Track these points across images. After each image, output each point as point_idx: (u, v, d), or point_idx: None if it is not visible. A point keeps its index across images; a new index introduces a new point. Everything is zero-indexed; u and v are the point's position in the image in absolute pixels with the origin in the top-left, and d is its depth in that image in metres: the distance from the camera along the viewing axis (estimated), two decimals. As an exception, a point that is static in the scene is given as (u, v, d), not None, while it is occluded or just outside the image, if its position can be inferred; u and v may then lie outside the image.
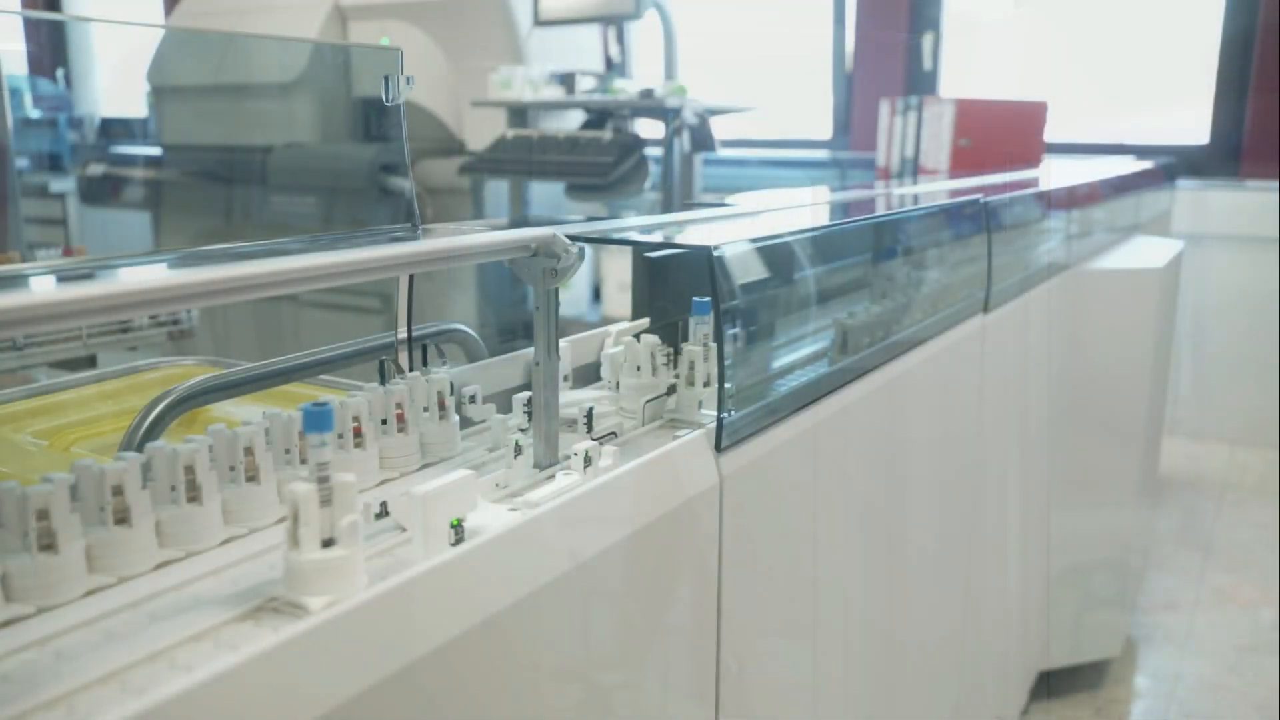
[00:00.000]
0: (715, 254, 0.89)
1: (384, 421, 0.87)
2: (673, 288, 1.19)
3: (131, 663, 0.56)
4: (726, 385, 0.90)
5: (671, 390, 1.12)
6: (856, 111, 4.67)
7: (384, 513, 0.75)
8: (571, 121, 4.17)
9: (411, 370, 1.04)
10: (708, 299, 0.80)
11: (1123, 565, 2.30)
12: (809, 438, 1.04)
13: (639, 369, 1.02)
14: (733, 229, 1.10)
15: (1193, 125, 4.19)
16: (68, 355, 1.81)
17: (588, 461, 0.82)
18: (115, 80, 5.61)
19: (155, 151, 4.46)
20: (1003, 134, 3.05)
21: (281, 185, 3.93)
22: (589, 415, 0.97)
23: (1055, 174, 2.51)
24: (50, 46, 5.27)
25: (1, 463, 1.09)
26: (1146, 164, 3.25)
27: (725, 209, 1.41)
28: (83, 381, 1.47)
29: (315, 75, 3.91)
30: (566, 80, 3.89)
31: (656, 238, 1.11)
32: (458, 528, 0.69)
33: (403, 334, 1.04)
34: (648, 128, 4.06)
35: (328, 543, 0.63)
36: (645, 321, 1.18)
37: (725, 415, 0.89)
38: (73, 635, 0.59)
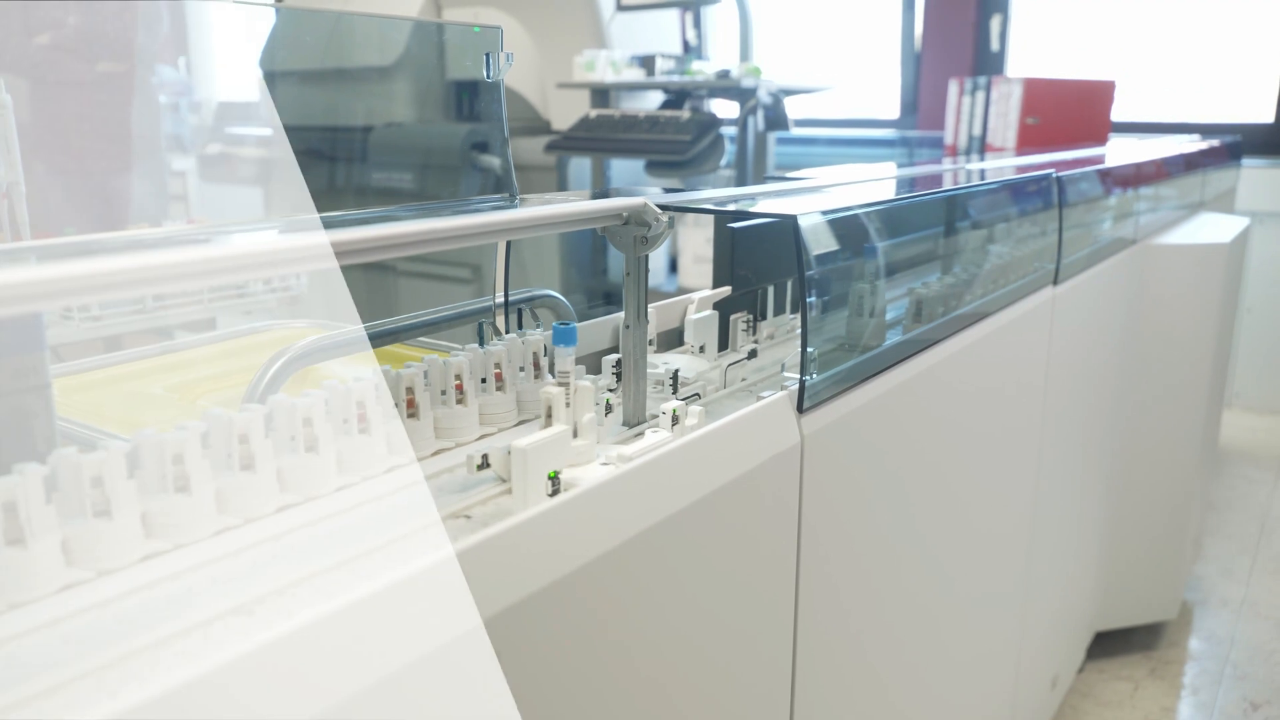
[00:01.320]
0: (800, 222, 0.87)
1: (483, 380, 0.87)
2: (754, 256, 1.17)
3: (255, 597, 0.56)
4: (808, 350, 0.88)
5: (752, 355, 1.11)
6: (924, 91, 4.55)
7: (485, 464, 0.75)
8: (651, 102, 4.13)
9: (508, 332, 1.04)
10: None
11: (1180, 532, 2.22)
12: (885, 401, 1.01)
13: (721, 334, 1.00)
14: (813, 201, 1.07)
15: (1259, 103, 3.99)
16: (191, 318, 1.86)
17: (675, 420, 0.81)
18: (231, 66, 5.71)
19: (266, 132, 4.53)
20: (1070, 112, 2.94)
21: (381, 163, 3.96)
22: (674, 377, 0.96)
23: (1121, 152, 2.41)
24: (173, 35, 5.38)
25: (137, 412, 1.12)
26: (1212, 142, 3.10)
27: (802, 182, 1.38)
28: (206, 341, 1.51)
29: (412, 59, 3.93)
30: (646, 62, 3.85)
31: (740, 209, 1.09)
32: (554, 479, 0.69)
33: (500, 299, 1.03)
34: (724, 107, 4.00)
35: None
36: (727, 289, 1.16)
37: (807, 378, 0.87)
38: (201, 571, 0.60)
